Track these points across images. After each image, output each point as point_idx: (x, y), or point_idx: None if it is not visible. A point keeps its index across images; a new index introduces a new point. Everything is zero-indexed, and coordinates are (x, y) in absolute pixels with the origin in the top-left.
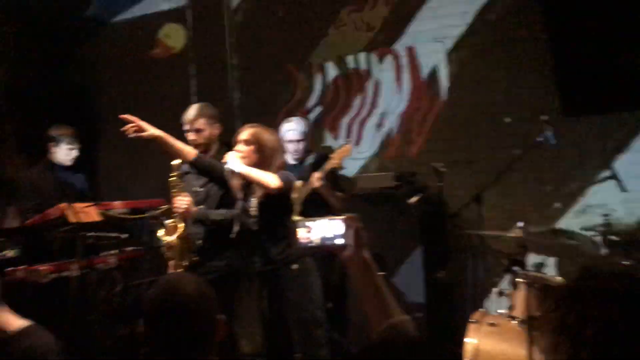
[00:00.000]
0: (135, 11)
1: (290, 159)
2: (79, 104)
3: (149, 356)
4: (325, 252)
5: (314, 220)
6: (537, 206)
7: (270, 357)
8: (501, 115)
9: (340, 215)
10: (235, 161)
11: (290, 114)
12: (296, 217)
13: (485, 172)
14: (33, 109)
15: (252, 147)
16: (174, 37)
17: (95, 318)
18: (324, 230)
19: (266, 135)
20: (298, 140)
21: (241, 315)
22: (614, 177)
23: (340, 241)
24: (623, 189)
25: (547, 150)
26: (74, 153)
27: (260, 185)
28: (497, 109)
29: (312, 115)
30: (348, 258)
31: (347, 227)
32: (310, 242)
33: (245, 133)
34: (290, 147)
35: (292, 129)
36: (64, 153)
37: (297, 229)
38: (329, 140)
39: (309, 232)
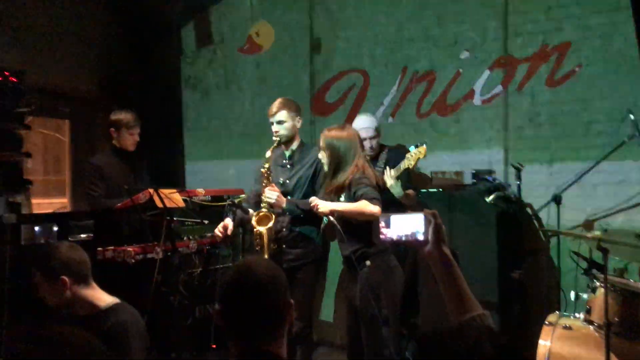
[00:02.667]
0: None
1: (370, 153)
2: (165, 94)
3: (223, 336)
4: (405, 246)
5: (394, 215)
6: (620, 209)
7: (350, 351)
8: (586, 113)
9: (419, 211)
10: (325, 206)
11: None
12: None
13: (566, 172)
14: (123, 99)
15: (327, 153)
16: (263, 35)
17: (175, 298)
18: (404, 225)
19: (337, 140)
20: (371, 137)
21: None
22: None
23: (420, 236)
24: None
25: (632, 151)
26: (136, 138)
27: (365, 217)
28: (582, 107)
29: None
30: (428, 253)
31: (427, 222)
32: (390, 236)
33: (321, 141)
34: (363, 143)
35: (364, 126)
36: (126, 138)
37: (379, 223)
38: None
39: (388, 226)
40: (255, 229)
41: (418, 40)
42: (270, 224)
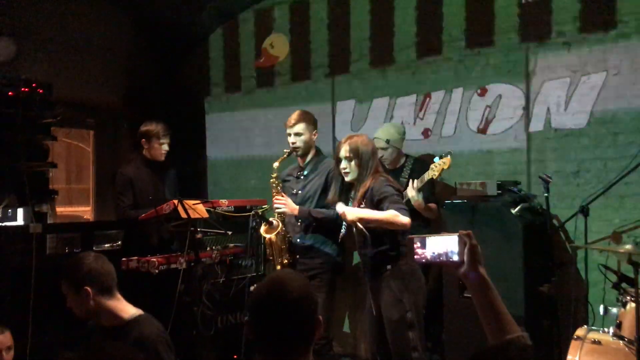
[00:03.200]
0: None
1: (386, 164)
2: (188, 106)
3: (249, 347)
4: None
5: (430, 237)
6: None
7: (381, 356)
8: (613, 124)
9: (454, 232)
10: (353, 214)
11: None
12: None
13: (593, 183)
14: (147, 111)
15: (354, 162)
16: (277, 46)
17: (198, 309)
18: (439, 245)
19: (363, 147)
20: (382, 148)
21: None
22: None
23: (455, 257)
24: None
25: None
26: (165, 149)
27: (395, 227)
28: (609, 117)
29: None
30: (464, 275)
31: (462, 243)
32: (425, 256)
33: (344, 150)
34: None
35: (376, 136)
36: (156, 149)
37: (413, 244)
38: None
39: (424, 247)
40: (264, 237)
41: (441, 58)
42: (277, 231)
